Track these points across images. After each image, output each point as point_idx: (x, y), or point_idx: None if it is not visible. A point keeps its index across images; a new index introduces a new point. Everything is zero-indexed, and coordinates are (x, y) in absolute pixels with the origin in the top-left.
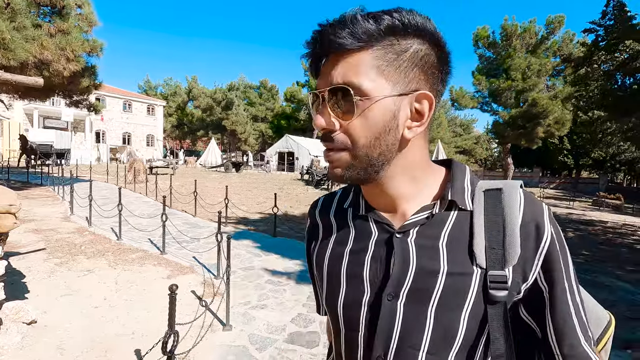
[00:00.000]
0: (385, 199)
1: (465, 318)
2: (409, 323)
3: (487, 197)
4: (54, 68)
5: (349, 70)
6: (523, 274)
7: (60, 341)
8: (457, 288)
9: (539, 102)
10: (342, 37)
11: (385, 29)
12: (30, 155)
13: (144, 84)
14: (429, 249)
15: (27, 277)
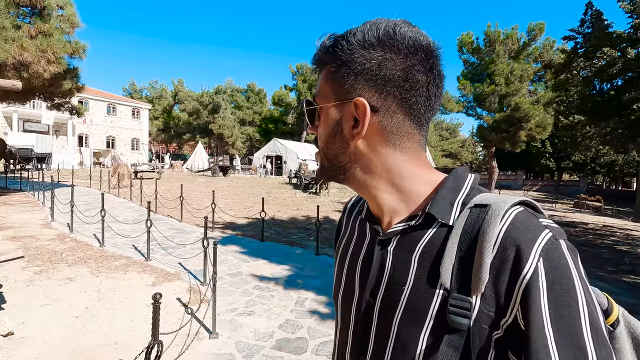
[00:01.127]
0: (374, 205)
1: (424, 338)
2: (380, 332)
3: (471, 214)
4: (34, 70)
5: (317, 85)
6: (497, 308)
7: (39, 353)
8: (418, 305)
9: (522, 107)
10: (314, 60)
11: (332, 48)
12: (9, 159)
13: (128, 87)
14: (402, 260)
15: (4, 287)
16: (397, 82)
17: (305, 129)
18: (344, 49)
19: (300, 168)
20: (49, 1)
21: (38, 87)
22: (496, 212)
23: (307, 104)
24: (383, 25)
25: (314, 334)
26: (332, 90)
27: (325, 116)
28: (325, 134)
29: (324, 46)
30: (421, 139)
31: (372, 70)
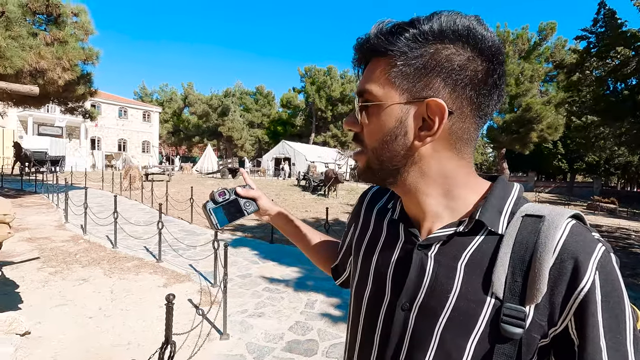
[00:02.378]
0: (416, 208)
1: (472, 347)
2: (416, 338)
3: (523, 223)
4: (49, 76)
5: (368, 77)
6: (550, 317)
7: (55, 352)
8: (466, 313)
9: (533, 107)
10: (364, 48)
11: (399, 37)
12: (24, 162)
13: (139, 91)
14: (447, 267)
15: (20, 287)
16: (477, 85)
17: (313, 131)
18: (417, 40)
19: (309, 170)
20: (64, 9)
21: (53, 92)
22: (553, 224)
23: (361, 98)
24: (460, 20)
25: (324, 336)
26: (397, 86)
27: (384, 115)
28: (381, 134)
29: (384, 33)
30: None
31: (453, 69)
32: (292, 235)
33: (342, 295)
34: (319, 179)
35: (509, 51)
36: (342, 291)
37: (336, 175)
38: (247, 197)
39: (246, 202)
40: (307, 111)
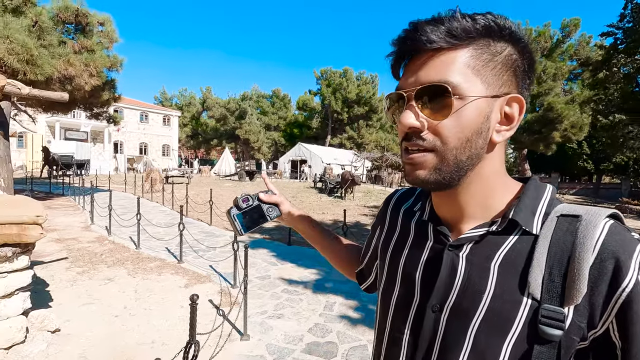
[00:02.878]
0: (452, 208)
1: (509, 349)
2: (448, 340)
3: (559, 224)
4: (77, 83)
5: (445, 68)
6: (590, 319)
7: (83, 349)
8: (501, 314)
9: (555, 107)
10: (439, 34)
11: (482, 29)
12: (52, 166)
13: (160, 95)
14: (480, 267)
15: (50, 286)
16: (531, 80)
17: (329, 133)
18: (500, 34)
19: (325, 172)
20: (92, 18)
21: (79, 98)
22: (592, 223)
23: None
24: (509, 20)
25: (343, 339)
26: (484, 79)
27: (470, 109)
28: (467, 130)
29: (468, 20)
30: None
31: (525, 67)
32: (314, 239)
33: (360, 297)
34: (336, 181)
35: None
36: (360, 294)
37: (353, 177)
38: (270, 203)
39: (269, 207)
40: (323, 113)
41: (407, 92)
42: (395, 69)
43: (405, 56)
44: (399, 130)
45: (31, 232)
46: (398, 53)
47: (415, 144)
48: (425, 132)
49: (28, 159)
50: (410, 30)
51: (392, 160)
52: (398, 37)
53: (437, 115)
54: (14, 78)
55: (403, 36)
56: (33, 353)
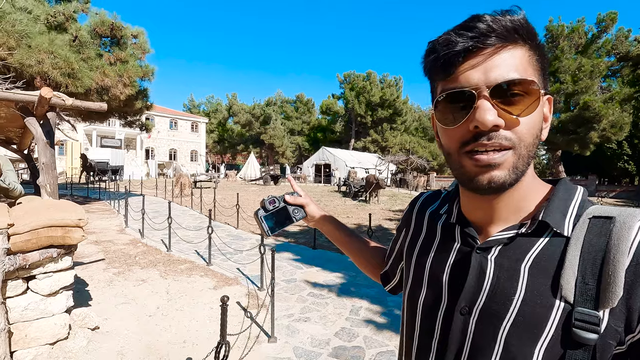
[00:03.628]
0: (487, 212)
1: (540, 354)
2: (478, 343)
3: (591, 225)
4: (113, 93)
5: (521, 65)
6: (627, 322)
7: (121, 347)
8: (533, 318)
9: (592, 105)
10: (504, 29)
11: (533, 30)
12: (89, 172)
13: (188, 103)
14: (509, 269)
15: (89, 286)
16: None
17: (353, 137)
18: (536, 38)
19: (349, 176)
20: (125, 31)
21: (115, 107)
22: (626, 225)
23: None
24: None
25: (370, 344)
26: (538, 79)
27: (539, 106)
28: (537, 127)
29: (522, 22)
30: None
31: (547, 69)
32: (339, 241)
33: (386, 302)
34: (360, 185)
35: (564, 46)
36: (386, 298)
37: (377, 180)
38: (295, 204)
39: (294, 209)
40: (346, 117)
41: (479, 89)
42: (444, 66)
43: (459, 53)
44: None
45: (74, 234)
46: (450, 48)
47: (495, 143)
48: (502, 130)
49: (68, 166)
50: (471, 23)
51: (417, 163)
52: (454, 32)
53: (518, 111)
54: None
55: (461, 29)
56: (75, 349)
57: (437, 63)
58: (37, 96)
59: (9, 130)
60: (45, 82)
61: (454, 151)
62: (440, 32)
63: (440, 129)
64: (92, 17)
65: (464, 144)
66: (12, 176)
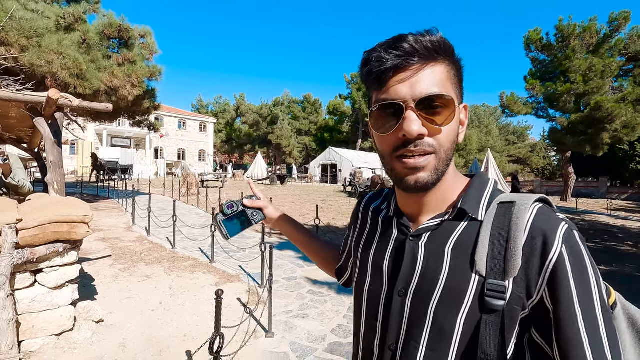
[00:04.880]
0: (419, 205)
1: (462, 321)
2: (413, 320)
3: (499, 209)
4: (121, 93)
5: (440, 80)
6: (527, 289)
7: (123, 339)
8: (455, 292)
9: (604, 106)
10: (425, 49)
11: (450, 48)
12: (99, 171)
13: (196, 103)
14: (436, 252)
15: (96, 281)
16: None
17: (360, 137)
18: (453, 53)
19: (355, 176)
20: (133, 32)
21: (123, 107)
22: (523, 207)
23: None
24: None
25: None
26: (456, 90)
27: (455, 116)
28: (454, 134)
29: (442, 42)
30: None
31: (463, 80)
32: (297, 240)
33: None
34: (365, 185)
35: (575, 46)
36: None
37: (382, 181)
38: (254, 208)
39: (253, 212)
40: (353, 117)
41: (406, 102)
42: (376, 79)
43: (389, 69)
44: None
45: (79, 229)
46: (380, 65)
47: (421, 149)
48: (426, 137)
49: (79, 165)
50: (397, 43)
51: None
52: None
53: (439, 121)
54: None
55: (389, 47)
56: (80, 340)
57: (371, 76)
58: (45, 97)
59: (20, 130)
60: (55, 83)
61: (387, 155)
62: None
63: (375, 136)
64: (100, 19)
65: (395, 149)
66: (22, 174)
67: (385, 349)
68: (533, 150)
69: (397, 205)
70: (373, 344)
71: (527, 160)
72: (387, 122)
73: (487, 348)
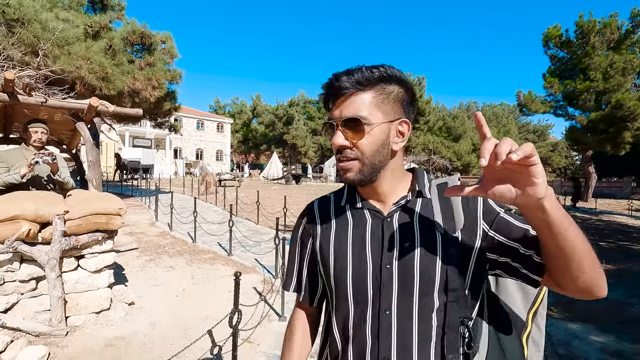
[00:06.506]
0: (378, 194)
1: (438, 267)
2: (403, 279)
3: (438, 189)
4: (143, 95)
5: (358, 106)
6: (472, 231)
7: (153, 319)
8: (429, 249)
9: (626, 104)
10: (352, 83)
11: (378, 78)
12: (122, 170)
13: (214, 104)
14: (408, 225)
15: (125, 270)
16: (413, 108)
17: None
18: (389, 81)
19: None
20: (155, 38)
21: (145, 109)
22: (453, 182)
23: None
24: (395, 69)
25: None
26: (382, 111)
27: (378, 130)
28: (374, 145)
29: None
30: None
31: (406, 99)
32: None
33: None
34: None
35: (595, 42)
36: None
37: None
38: None
39: None
40: None
41: (336, 121)
42: (326, 104)
43: (331, 97)
44: (333, 147)
45: (115, 221)
46: (327, 95)
47: (345, 156)
48: (350, 148)
49: (103, 164)
50: (333, 80)
51: (440, 164)
52: (326, 84)
53: (356, 136)
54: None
55: (329, 84)
56: (115, 318)
57: (324, 101)
58: (86, 104)
59: (61, 133)
60: (84, 87)
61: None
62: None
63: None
64: (124, 26)
65: (336, 155)
66: (66, 172)
67: (380, 314)
68: (554, 150)
69: (362, 198)
70: (365, 314)
71: (547, 160)
72: (329, 135)
73: (454, 283)
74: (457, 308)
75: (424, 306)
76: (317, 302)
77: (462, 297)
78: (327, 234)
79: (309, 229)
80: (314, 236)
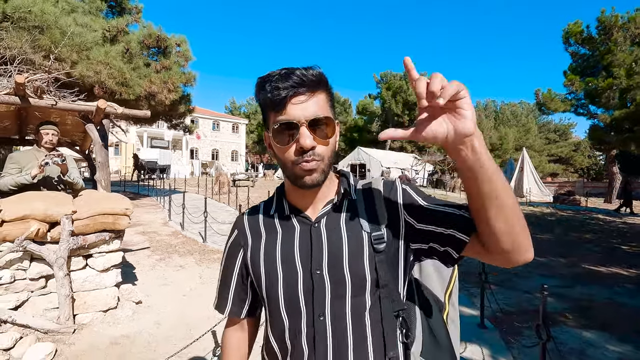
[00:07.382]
0: (311, 199)
1: (367, 266)
2: (335, 283)
3: (363, 190)
4: (159, 98)
5: (322, 106)
6: (395, 225)
7: (158, 318)
8: (356, 248)
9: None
10: (309, 82)
11: (325, 80)
12: (140, 170)
13: (229, 105)
14: (335, 229)
15: (136, 269)
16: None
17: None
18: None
19: (383, 175)
20: (170, 41)
21: (161, 111)
22: (376, 183)
23: (326, 121)
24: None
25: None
26: (332, 113)
27: (336, 131)
28: (333, 146)
29: (321, 76)
30: None
31: (334, 104)
32: None
33: None
34: None
35: (618, 37)
36: None
37: (409, 180)
38: None
39: None
40: (383, 117)
41: (300, 121)
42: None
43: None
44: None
45: (122, 221)
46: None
47: (311, 157)
48: (317, 148)
49: (122, 165)
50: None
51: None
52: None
53: (325, 136)
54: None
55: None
56: (122, 317)
57: (268, 101)
58: (95, 106)
59: (73, 135)
60: (102, 90)
61: (289, 162)
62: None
63: (275, 147)
64: (140, 29)
65: (295, 157)
66: (75, 173)
67: (315, 321)
68: (577, 149)
69: (290, 204)
70: (300, 324)
71: (569, 160)
72: (287, 137)
73: (385, 279)
74: (390, 302)
75: (357, 306)
76: (247, 314)
77: (394, 291)
78: (256, 247)
79: (239, 242)
80: (245, 249)
